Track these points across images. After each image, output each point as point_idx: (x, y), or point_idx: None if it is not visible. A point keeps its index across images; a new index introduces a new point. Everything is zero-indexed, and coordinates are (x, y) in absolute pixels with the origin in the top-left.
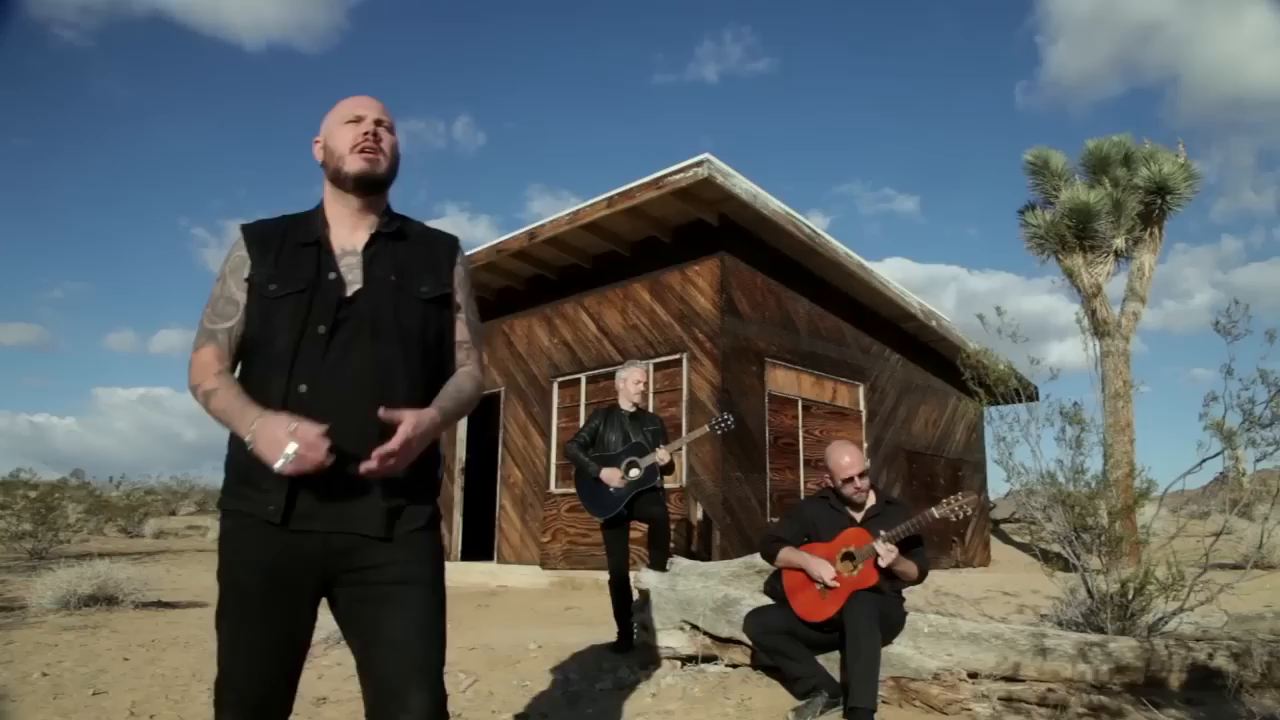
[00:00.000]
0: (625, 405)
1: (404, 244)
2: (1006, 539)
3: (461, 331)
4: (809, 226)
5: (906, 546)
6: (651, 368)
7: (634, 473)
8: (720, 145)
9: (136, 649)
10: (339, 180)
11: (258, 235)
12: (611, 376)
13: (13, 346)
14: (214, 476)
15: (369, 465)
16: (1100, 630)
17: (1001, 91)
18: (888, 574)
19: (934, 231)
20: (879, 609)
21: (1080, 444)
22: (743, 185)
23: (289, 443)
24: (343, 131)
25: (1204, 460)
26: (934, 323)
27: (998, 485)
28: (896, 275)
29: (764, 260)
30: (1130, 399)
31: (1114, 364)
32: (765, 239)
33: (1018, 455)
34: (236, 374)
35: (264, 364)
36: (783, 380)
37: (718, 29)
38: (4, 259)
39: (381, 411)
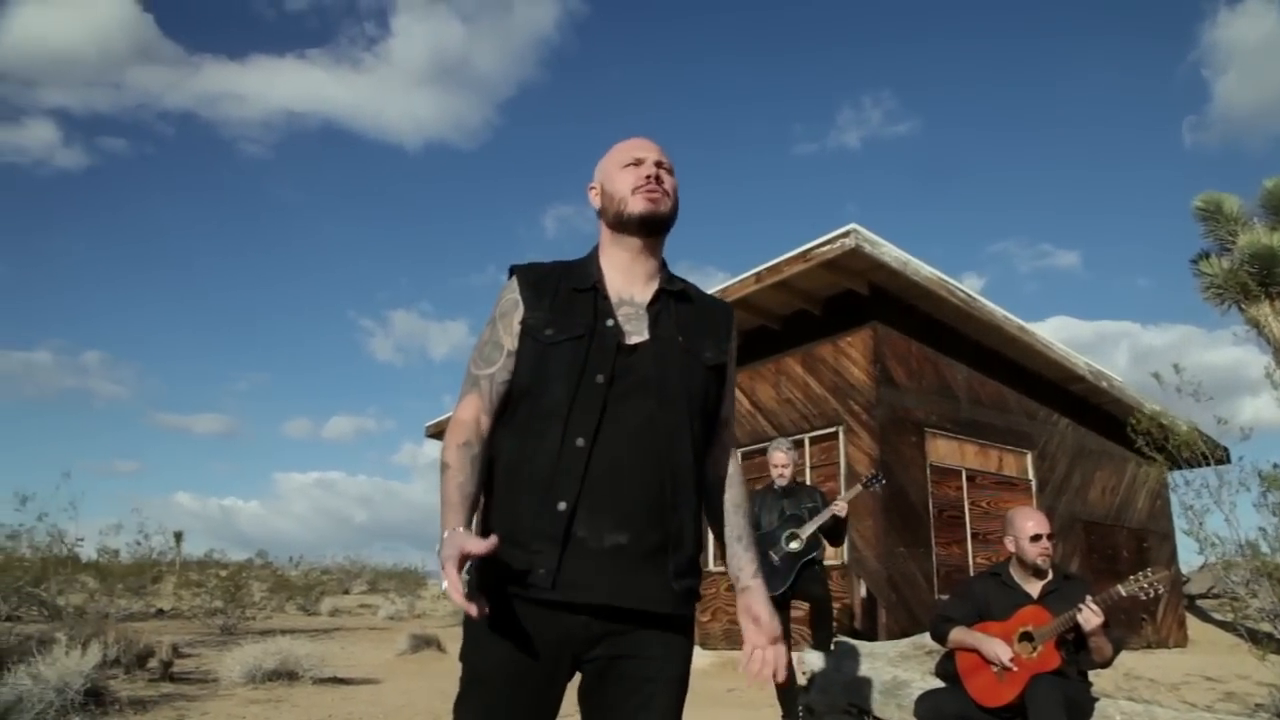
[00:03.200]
0: (776, 486)
1: (688, 305)
2: (1205, 616)
3: (728, 406)
4: (963, 290)
5: None
6: (807, 442)
7: (794, 545)
8: (866, 211)
9: None
10: (620, 223)
11: (531, 278)
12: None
13: (205, 435)
14: (383, 556)
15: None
16: None
17: (1168, 131)
18: (1072, 655)
19: (1099, 286)
20: (1065, 694)
21: None
22: (891, 253)
23: (448, 576)
24: (623, 175)
25: None
26: (1104, 384)
27: (1190, 557)
28: (1060, 335)
29: (918, 327)
30: None
31: None
32: (918, 305)
33: (1210, 524)
34: (505, 421)
35: (536, 413)
36: (944, 450)
37: (856, 96)
38: (199, 355)
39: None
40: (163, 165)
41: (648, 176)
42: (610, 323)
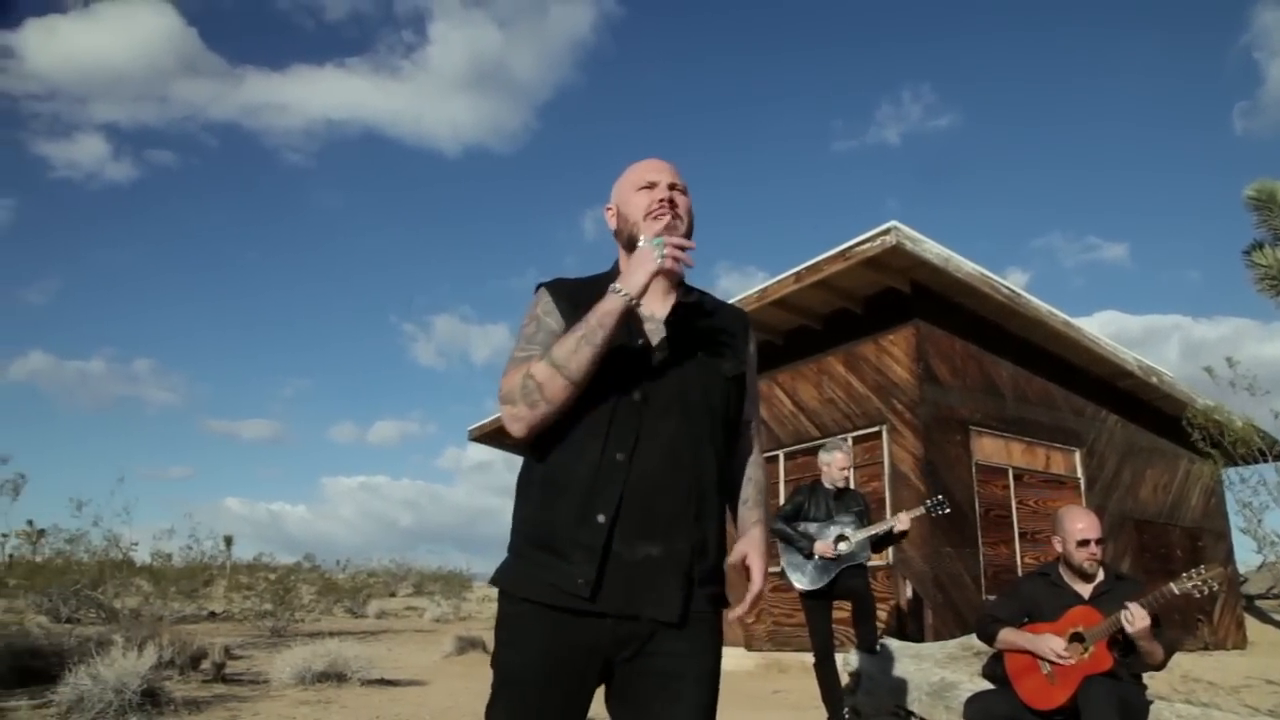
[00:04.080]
0: (828, 485)
1: (705, 318)
2: (1264, 617)
3: (749, 409)
4: (1007, 286)
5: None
6: (850, 441)
7: (843, 546)
8: (907, 207)
9: None
10: (635, 248)
11: (564, 292)
12: (810, 452)
13: (253, 440)
14: (428, 559)
15: (741, 612)
16: None
17: (1218, 118)
18: (1124, 656)
19: (1148, 279)
20: (1118, 696)
21: None
22: (933, 250)
23: (656, 244)
24: (637, 198)
25: None
26: (1155, 379)
27: (1247, 556)
28: (1108, 330)
29: (961, 324)
30: None
31: None
32: (961, 302)
33: (1269, 522)
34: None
35: (572, 424)
36: (990, 449)
37: (895, 91)
38: (246, 362)
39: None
40: (208, 176)
41: (661, 200)
42: (640, 342)
